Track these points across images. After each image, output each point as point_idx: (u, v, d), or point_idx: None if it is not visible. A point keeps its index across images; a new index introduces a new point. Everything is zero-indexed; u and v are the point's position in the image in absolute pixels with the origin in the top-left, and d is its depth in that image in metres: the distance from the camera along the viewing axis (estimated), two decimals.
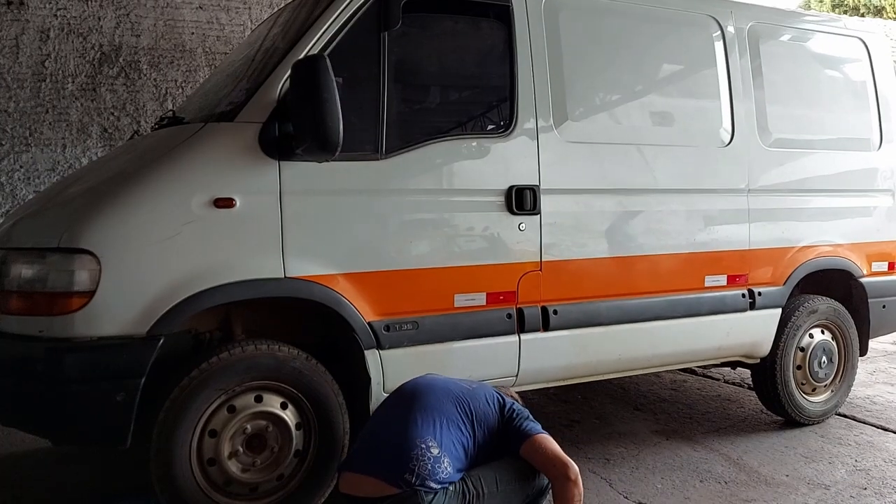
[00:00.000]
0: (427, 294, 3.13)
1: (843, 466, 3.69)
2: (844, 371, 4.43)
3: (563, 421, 4.40)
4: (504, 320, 3.28)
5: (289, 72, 2.76)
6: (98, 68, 5.82)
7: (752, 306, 3.96)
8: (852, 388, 4.56)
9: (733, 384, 5.24)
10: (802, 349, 4.25)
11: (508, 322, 3.29)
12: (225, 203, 2.73)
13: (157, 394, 2.66)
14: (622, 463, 3.72)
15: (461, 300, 3.19)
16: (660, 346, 3.75)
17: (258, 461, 2.82)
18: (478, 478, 2.53)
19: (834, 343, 4.39)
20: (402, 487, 2.39)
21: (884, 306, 4.49)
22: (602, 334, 3.53)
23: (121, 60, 5.88)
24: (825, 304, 4.32)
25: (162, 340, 2.62)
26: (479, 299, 3.23)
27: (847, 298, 4.44)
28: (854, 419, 4.45)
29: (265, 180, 2.80)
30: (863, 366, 5.18)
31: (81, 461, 3.72)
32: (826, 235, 4.27)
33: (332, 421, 2.92)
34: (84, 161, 5.71)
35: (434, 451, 2.45)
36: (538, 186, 3.33)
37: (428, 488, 2.39)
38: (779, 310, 4.10)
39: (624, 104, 3.80)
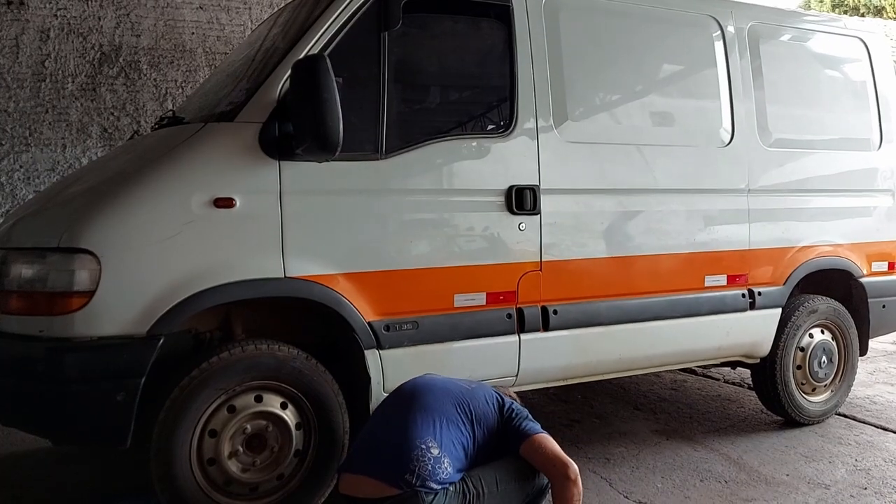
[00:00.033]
0: (427, 294, 3.13)
1: (844, 466, 3.69)
2: (844, 371, 4.43)
3: (563, 421, 4.40)
4: (504, 320, 3.28)
5: (289, 72, 2.76)
6: (98, 68, 5.82)
7: (752, 306, 3.96)
8: (852, 388, 4.56)
9: (733, 384, 5.24)
10: (802, 349, 4.25)
11: (508, 322, 3.29)
12: (225, 203, 2.73)
13: (158, 394, 2.66)
14: (622, 462, 3.72)
15: (461, 300, 3.19)
16: (660, 346, 3.75)
17: (258, 461, 2.82)
18: (478, 478, 2.53)
19: (834, 343, 4.39)
20: (403, 488, 2.39)
21: (884, 306, 4.49)
22: (602, 334, 3.53)
23: (121, 60, 5.89)
24: (825, 304, 4.32)
25: (162, 340, 2.62)
26: (479, 299, 3.23)
27: (847, 298, 4.44)
28: (854, 419, 4.45)
29: (265, 180, 2.80)
30: (863, 366, 5.18)
31: (81, 461, 3.72)
32: (826, 235, 4.27)
33: (332, 421, 2.92)
34: (84, 161, 5.71)
35: (434, 452, 2.45)
36: (538, 186, 3.33)
37: (428, 489, 2.39)
38: (779, 310, 4.10)
39: (624, 104, 3.80)
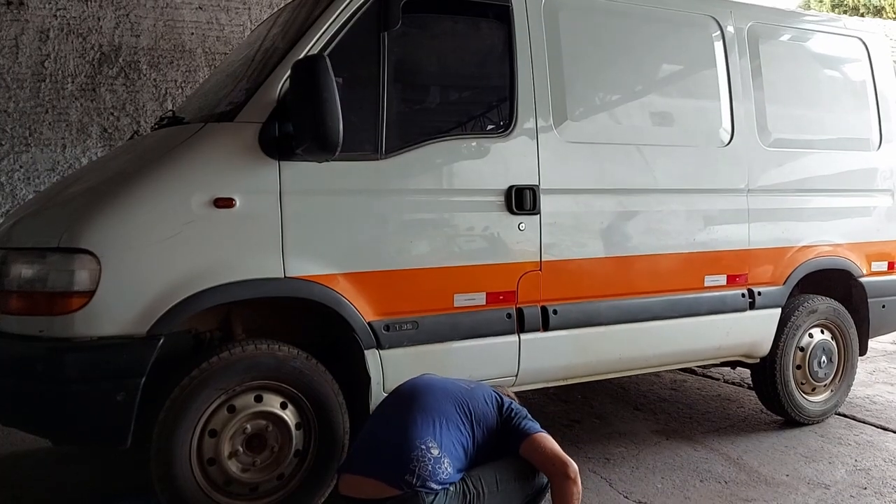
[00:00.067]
0: (427, 294, 3.13)
1: (843, 466, 3.69)
2: (844, 371, 4.43)
3: (563, 421, 4.40)
4: (504, 320, 3.28)
5: (289, 72, 2.76)
6: (98, 68, 5.82)
7: (752, 306, 3.96)
8: (852, 388, 4.56)
9: (733, 384, 5.24)
10: (802, 349, 4.25)
11: (508, 322, 3.29)
12: (225, 203, 2.73)
13: (158, 394, 2.66)
14: (622, 462, 3.72)
15: (461, 300, 3.19)
16: (660, 346, 3.75)
17: (258, 461, 2.82)
18: (478, 478, 2.53)
19: (834, 343, 4.39)
20: (403, 488, 2.39)
21: (883, 306, 4.49)
22: (602, 334, 3.53)
23: (120, 60, 5.89)
24: (825, 304, 4.32)
25: (162, 340, 2.62)
26: (479, 299, 3.23)
27: (847, 298, 4.44)
28: (854, 419, 4.45)
29: (265, 180, 2.80)
30: (863, 365, 5.18)
31: (81, 461, 3.72)
32: (826, 235, 4.27)
33: (332, 421, 2.92)
34: (84, 161, 5.71)
35: (434, 452, 2.45)
36: (538, 186, 3.33)
37: (429, 489, 2.39)
38: (778, 309, 4.10)
39: (624, 104, 3.80)
